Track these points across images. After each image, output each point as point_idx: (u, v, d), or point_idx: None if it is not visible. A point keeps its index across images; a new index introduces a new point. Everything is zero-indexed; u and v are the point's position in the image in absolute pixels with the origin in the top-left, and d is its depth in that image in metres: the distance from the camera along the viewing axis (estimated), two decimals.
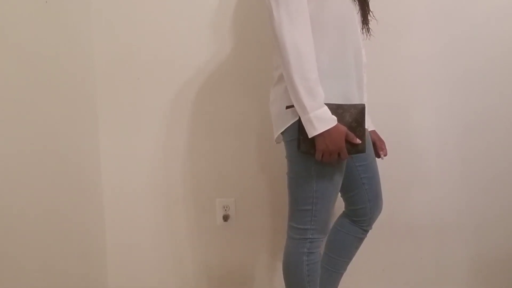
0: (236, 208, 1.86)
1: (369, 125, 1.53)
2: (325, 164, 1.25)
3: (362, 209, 1.49)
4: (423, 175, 1.80)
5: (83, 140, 1.75)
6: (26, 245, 1.39)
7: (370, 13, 1.40)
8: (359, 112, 1.25)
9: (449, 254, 1.83)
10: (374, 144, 1.53)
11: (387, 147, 1.62)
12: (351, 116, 1.24)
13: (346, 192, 1.49)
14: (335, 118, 1.20)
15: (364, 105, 1.27)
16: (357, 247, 1.55)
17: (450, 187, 1.81)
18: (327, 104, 1.20)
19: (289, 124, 1.29)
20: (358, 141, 1.24)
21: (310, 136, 1.20)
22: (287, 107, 1.26)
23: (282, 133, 1.32)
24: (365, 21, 1.39)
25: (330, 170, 1.29)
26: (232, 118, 1.81)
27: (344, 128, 1.21)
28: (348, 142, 1.23)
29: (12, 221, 1.33)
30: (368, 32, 1.41)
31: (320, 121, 1.18)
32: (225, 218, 1.85)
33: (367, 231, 1.53)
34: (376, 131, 1.57)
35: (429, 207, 1.82)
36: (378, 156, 1.53)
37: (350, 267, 1.57)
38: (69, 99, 1.64)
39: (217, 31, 1.77)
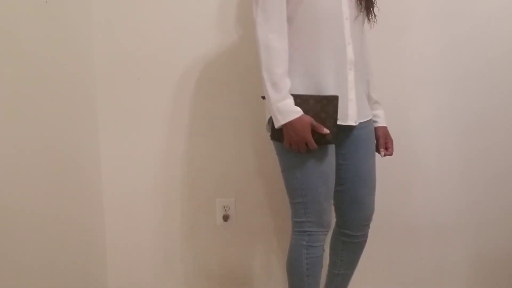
0: (236, 208, 1.86)
1: (380, 121, 1.51)
2: (304, 154, 1.30)
3: (338, 209, 1.50)
4: (423, 175, 1.80)
5: (83, 140, 1.75)
6: (26, 245, 1.38)
7: (374, 2, 1.39)
8: (330, 103, 1.27)
9: (449, 254, 1.83)
10: (376, 141, 1.50)
11: None
12: (323, 107, 1.27)
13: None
14: (299, 110, 1.25)
15: (337, 96, 1.28)
16: (343, 250, 1.54)
17: (450, 187, 1.80)
18: (296, 95, 1.27)
19: (269, 117, 1.35)
20: (326, 131, 1.26)
21: (276, 127, 1.28)
22: (263, 97, 1.32)
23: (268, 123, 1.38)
24: (367, 13, 1.38)
25: (311, 160, 1.32)
26: (232, 118, 1.80)
27: (309, 119, 1.25)
28: (317, 132, 1.26)
29: (12, 221, 1.33)
30: (373, 17, 1.39)
31: (282, 113, 1.25)
32: (225, 218, 1.85)
33: (346, 235, 1.51)
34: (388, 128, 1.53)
35: (429, 207, 1.81)
36: (378, 152, 1.51)
37: None
38: (69, 99, 1.64)
39: (217, 31, 1.77)
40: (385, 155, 1.51)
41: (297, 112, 1.25)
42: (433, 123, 1.78)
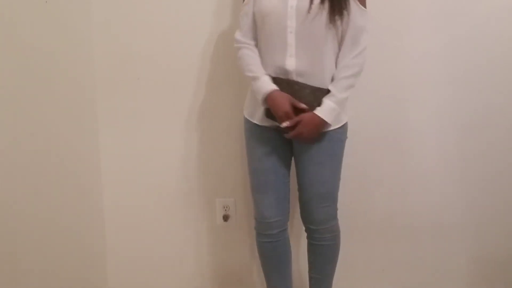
0: (236, 208, 1.86)
1: (318, 108, 1.38)
2: (248, 150, 1.52)
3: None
4: (423, 175, 1.80)
5: (83, 140, 1.75)
6: (26, 245, 1.39)
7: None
8: (322, 94, 1.38)
9: (449, 255, 1.83)
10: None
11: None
12: (316, 98, 1.37)
13: None
14: (274, 86, 1.37)
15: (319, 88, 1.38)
16: (309, 250, 1.56)
17: (450, 187, 1.80)
18: (294, 81, 1.37)
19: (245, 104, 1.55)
20: (303, 106, 1.35)
21: (260, 102, 1.40)
22: None
23: None
24: (330, 17, 1.35)
25: (250, 158, 1.51)
26: (232, 117, 1.80)
27: (287, 95, 1.35)
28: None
29: (12, 221, 1.33)
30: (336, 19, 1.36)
31: (260, 89, 1.39)
32: (225, 218, 1.85)
33: (308, 236, 1.54)
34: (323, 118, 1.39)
35: (429, 207, 1.81)
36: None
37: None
38: (69, 99, 1.64)
39: (216, 31, 1.77)
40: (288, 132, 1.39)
41: (273, 86, 1.36)
42: (433, 123, 1.78)
